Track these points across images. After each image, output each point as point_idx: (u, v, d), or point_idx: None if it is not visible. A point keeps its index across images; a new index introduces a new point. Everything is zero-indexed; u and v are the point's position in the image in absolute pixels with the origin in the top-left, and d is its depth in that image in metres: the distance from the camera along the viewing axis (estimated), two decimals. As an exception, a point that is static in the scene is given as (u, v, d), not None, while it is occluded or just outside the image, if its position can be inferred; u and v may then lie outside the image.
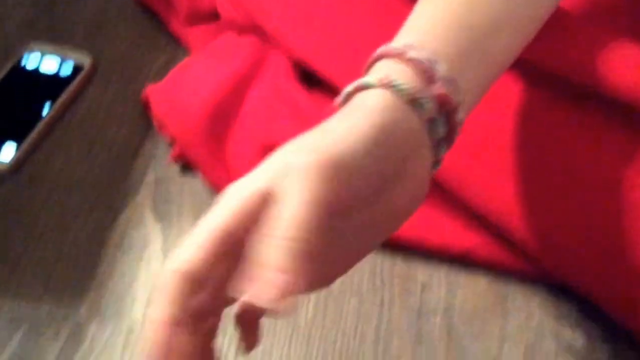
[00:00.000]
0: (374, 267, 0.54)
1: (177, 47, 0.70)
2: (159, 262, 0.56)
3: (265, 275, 0.26)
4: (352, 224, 0.31)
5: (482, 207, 0.51)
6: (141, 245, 0.57)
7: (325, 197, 0.28)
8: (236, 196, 0.29)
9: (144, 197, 0.59)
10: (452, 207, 0.53)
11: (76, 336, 0.52)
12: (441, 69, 0.34)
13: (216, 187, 0.58)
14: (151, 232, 0.58)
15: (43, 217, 0.59)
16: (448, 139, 0.35)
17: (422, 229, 0.54)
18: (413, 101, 0.32)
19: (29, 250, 0.57)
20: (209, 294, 0.29)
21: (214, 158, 0.58)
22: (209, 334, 0.31)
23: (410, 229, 0.44)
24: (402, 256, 0.54)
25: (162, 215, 0.59)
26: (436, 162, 0.35)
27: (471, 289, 0.53)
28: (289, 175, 0.28)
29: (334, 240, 0.30)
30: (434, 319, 0.52)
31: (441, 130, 0.34)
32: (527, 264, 0.52)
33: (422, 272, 0.55)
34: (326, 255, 0.30)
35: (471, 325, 0.51)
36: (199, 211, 0.58)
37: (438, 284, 0.54)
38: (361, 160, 0.30)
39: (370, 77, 0.33)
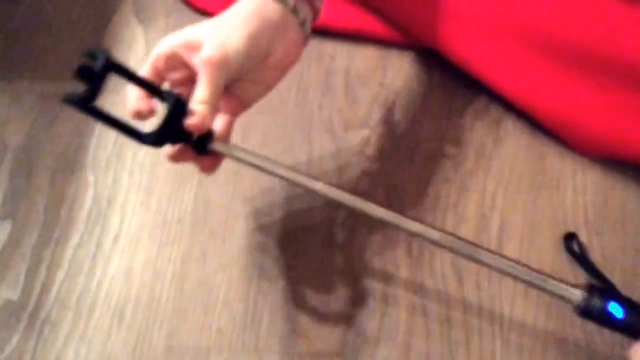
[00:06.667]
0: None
1: None
2: (142, 52, 0.77)
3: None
4: (246, 81, 0.51)
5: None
6: (129, 41, 0.78)
7: (219, 76, 0.47)
8: (171, 40, 0.49)
9: (128, 5, 0.80)
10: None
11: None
12: None
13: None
14: (136, 32, 0.79)
15: (56, 22, 0.80)
16: (313, 19, 0.54)
17: (332, 18, 0.74)
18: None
19: (50, 43, 0.78)
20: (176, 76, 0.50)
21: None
22: None
23: (324, 18, 0.63)
24: (319, 38, 0.74)
25: (143, 19, 0.79)
26: (306, 37, 0.54)
27: (363, 57, 0.74)
28: (199, 55, 0.46)
29: (232, 92, 0.51)
30: (338, 78, 0.73)
31: (303, 14, 0.52)
32: (405, 38, 0.72)
33: (331, 47, 0.75)
34: (230, 101, 0.51)
35: (361, 80, 0.72)
36: (168, 15, 0.79)
37: (341, 55, 0.76)
38: (242, 53, 0.47)
39: None
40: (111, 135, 0.70)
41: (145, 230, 0.66)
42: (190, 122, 0.46)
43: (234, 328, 0.60)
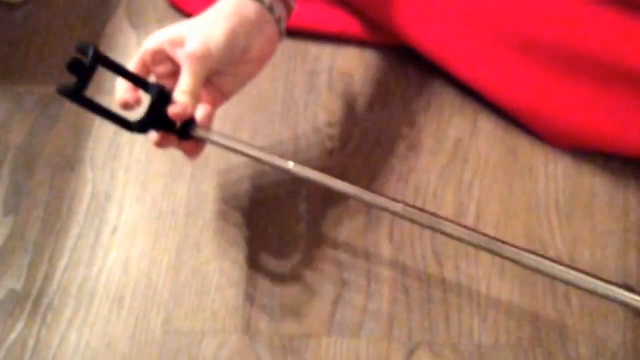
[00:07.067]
0: (285, 49, 0.79)
1: None
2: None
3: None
4: (226, 74, 0.56)
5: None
6: (123, 46, 0.82)
7: (201, 69, 0.52)
8: (158, 36, 0.54)
9: (122, 11, 0.84)
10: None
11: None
12: None
13: (172, 3, 0.82)
14: (129, 37, 0.83)
15: (53, 28, 0.84)
16: (287, 16, 0.58)
17: (315, 21, 0.79)
18: None
19: (48, 48, 0.82)
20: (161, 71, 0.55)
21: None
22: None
23: (309, 21, 0.71)
24: (302, 39, 0.79)
25: (136, 25, 0.84)
26: (281, 33, 0.58)
27: (345, 57, 0.79)
28: (183, 50, 0.52)
29: (213, 84, 0.55)
30: (322, 77, 0.77)
31: (279, 12, 0.57)
32: (383, 37, 0.76)
33: (315, 48, 0.80)
34: (210, 92, 0.55)
35: (343, 79, 0.77)
36: (160, 21, 0.83)
37: (325, 55, 0.80)
38: (221, 48, 0.51)
39: None
40: (108, 134, 0.74)
41: (142, 223, 0.69)
42: (173, 110, 0.50)
43: (227, 312, 0.64)
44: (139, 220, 0.68)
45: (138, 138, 0.73)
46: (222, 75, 0.55)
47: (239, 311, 0.63)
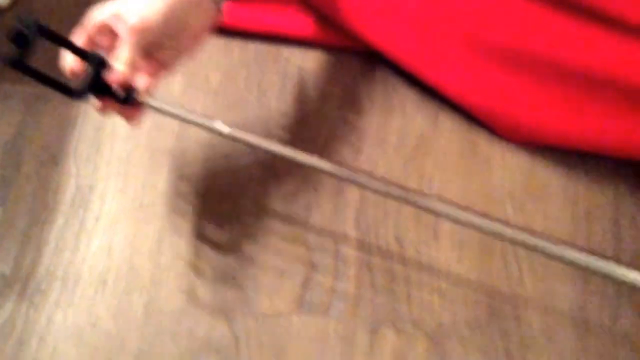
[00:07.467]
0: (258, 51, 0.84)
1: None
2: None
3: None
4: (166, 48, 0.60)
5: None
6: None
7: (139, 41, 0.57)
8: (103, 11, 0.58)
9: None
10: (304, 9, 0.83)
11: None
12: None
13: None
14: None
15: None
16: None
17: (287, 26, 0.84)
18: None
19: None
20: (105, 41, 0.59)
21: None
22: None
23: (280, 27, 0.77)
24: (275, 44, 0.84)
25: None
26: (219, 10, 0.63)
27: (314, 59, 0.83)
28: (124, 23, 0.56)
29: (153, 56, 0.60)
30: (294, 79, 0.82)
31: None
32: (350, 42, 0.81)
33: (287, 51, 0.84)
34: (151, 64, 0.60)
35: (313, 79, 0.82)
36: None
37: (295, 57, 0.85)
38: (160, 22, 0.54)
39: None
40: (91, 130, 0.79)
41: (124, 213, 0.73)
42: (110, 77, 0.56)
43: (205, 293, 0.68)
44: (121, 210, 0.73)
45: (120, 134, 0.77)
46: (161, 48, 0.60)
47: (217, 293, 0.68)
